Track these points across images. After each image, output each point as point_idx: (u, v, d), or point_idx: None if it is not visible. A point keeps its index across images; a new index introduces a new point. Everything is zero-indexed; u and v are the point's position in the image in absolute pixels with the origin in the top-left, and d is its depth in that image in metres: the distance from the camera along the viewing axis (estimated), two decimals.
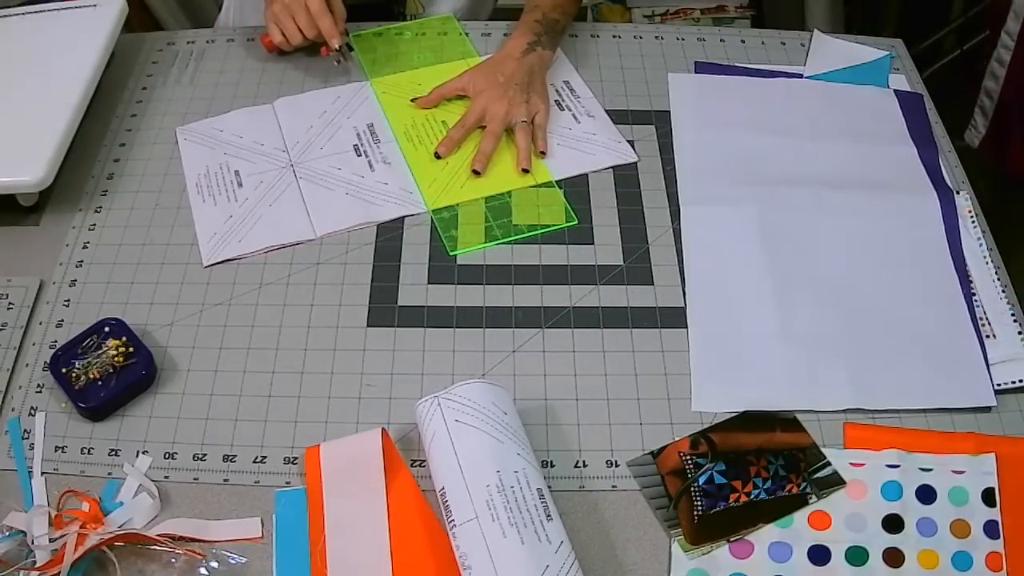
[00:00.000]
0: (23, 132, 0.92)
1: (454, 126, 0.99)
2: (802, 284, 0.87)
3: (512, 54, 1.01)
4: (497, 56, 1.03)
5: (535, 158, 0.97)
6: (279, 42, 1.04)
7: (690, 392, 0.80)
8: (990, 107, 1.29)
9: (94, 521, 0.70)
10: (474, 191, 0.95)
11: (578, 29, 1.14)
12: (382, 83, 1.06)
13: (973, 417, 0.79)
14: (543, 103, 1.00)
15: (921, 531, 0.71)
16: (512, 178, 0.96)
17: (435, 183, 0.95)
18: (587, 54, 1.11)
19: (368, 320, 0.85)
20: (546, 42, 1.03)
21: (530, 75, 1.00)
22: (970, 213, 0.93)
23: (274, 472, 0.75)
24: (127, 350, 0.80)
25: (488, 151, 0.96)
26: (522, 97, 0.98)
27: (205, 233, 0.91)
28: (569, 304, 0.86)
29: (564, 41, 1.10)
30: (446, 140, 0.98)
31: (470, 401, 0.72)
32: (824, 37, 1.13)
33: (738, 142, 1.00)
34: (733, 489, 0.73)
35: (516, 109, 0.98)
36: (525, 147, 0.97)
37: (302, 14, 1.01)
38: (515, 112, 0.97)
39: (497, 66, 1.01)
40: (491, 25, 1.15)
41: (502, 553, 0.64)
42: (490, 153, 0.96)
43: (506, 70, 1.00)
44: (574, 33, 1.13)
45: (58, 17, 1.05)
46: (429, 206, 0.93)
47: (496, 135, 0.97)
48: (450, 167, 0.97)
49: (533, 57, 1.01)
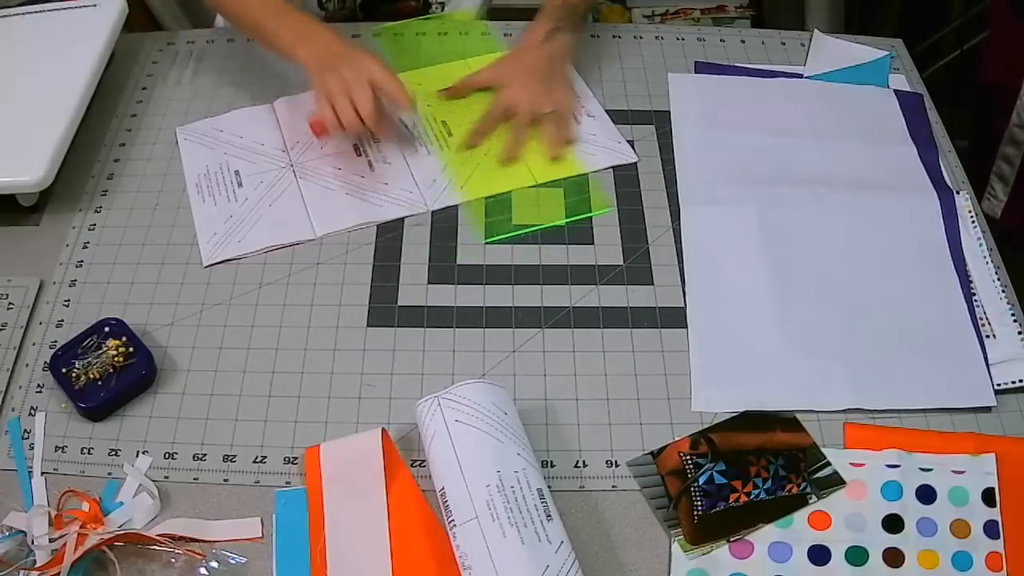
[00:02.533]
0: (23, 132, 0.92)
1: (481, 118, 1.00)
2: (802, 284, 0.87)
3: (533, 43, 1.02)
4: (519, 46, 1.04)
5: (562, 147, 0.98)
6: (331, 124, 0.89)
7: (690, 392, 0.80)
8: (1010, 173, 1.23)
9: (94, 521, 0.70)
10: (503, 182, 0.96)
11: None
12: (407, 78, 1.06)
13: (973, 417, 0.79)
14: (567, 91, 1.01)
15: (921, 531, 0.71)
16: (540, 168, 0.97)
17: (465, 174, 0.96)
18: (587, 54, 1.10)
19: (368, 320, 0.85)
20: (567, 26, 1.03)
21: (552, 63, 1.01)
22: (970, 213, 0.93)
23: (274, 472, 0.75)
24: (127, 350, 0.80)
25: (516, 142, 0.98)
26: (544, 87, 0.99)
27: (205, 233, 0.91)
28: (569, 304, 0.86)
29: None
30: (475, 132, 0.99)
31: (470, 401, 0.72)
32: (824, 37, 1.13)
33: (738, 142, 1.00)
34: (733, 489, 0.73)
35: (540, 100, 0.99)
36: (552, 137, 0.98)
37: (362, 92, 0.87)
38: (540, 103, 0.99)
39: (519, 56, 1.02)
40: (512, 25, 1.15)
41: (502, 553, 0.64)
42: (518, 144, 0.98)
43: (527, 60, 1.01)
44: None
45: (58, 17, 1.05)
46: (461, 197, 0.94)
47: (523, 126, 0.98)
48: (478, 158, 0.98)
49: (554, 44, 1.01)
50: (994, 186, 1.26)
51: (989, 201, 1.26)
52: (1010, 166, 1.23)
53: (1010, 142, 1.22)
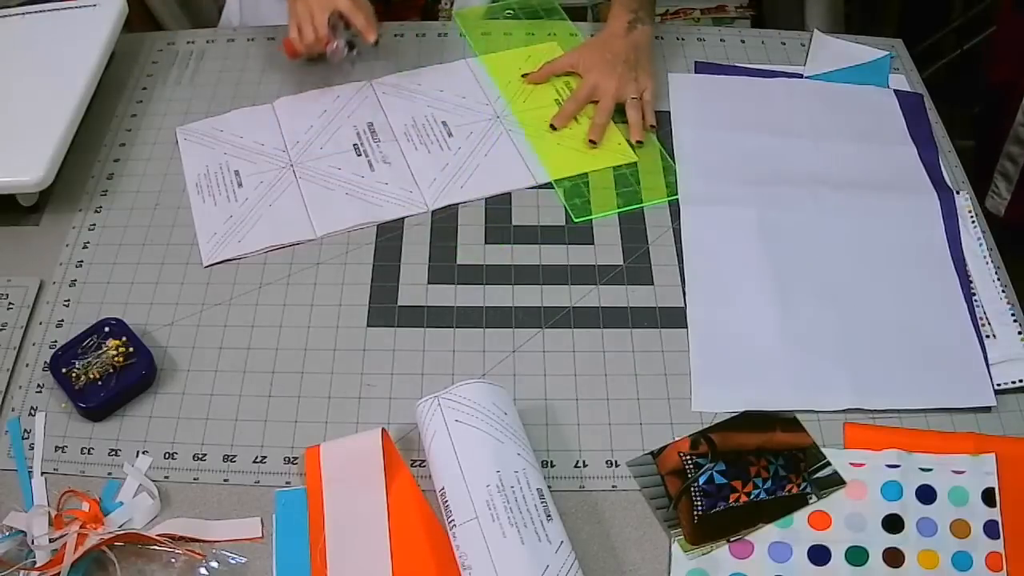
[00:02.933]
0: (23, 132, 0.92)
1: (567, 100, 1.03)
2: (802, 284, 0.87)
3: (617, 33, 1.05)
4: (603, 35, 1.06)
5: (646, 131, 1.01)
6: (293, 38, 1.02)
7: (690, 392, 0.80)
8: (1014, 172, 1.24)
9: (94, 521, 0.70)
10: (589, 162, 0.98)
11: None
12: (491, 60, 1.08)
13: (973, 417, 0.79)
14: (650, 80, 1.03)
15: (921, 531, 0.71)
16: (618, 152, 0.99)
17: (553, 155, 0.98)
18: None
19: (368, 320, 0.85)
20: (644, 17, 1.06)
21: (636, 52, 1.03)
22: (970, 213, 0.93)
23: (274, 472, 0.75)
24: (127, 350, 0.80)
25: (602, 124, 1.00)
26: (631, 75, 1.02)
27: (205, 233, 0.91)
28: (569, 304, 0.86)
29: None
30: (561, 113, 1.01)
31: (470, 401, 0.72)
32: (824, 37, 1.13)
33: (738, 142, 1.00)
34: (733, 489, 0.73)
35: (626, 86, 1.01)
36: (636, 121, 1.00)
37: (320, 16, 1.00)
38: (625, 89, 1.01)
39: (604, 44, 1.04)
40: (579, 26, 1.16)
41: (502, 553, 0.64)
42: (604, 126, 1.00)
43: (613, 48, 1.03)
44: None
45: (58, 17, 1.05)
46: (551, 176, 0.96)
47: (608, 110, 1.01)
48: (565, 139, 1.00)
49: (637, 34, 1.04)
50: (998, 184, 1.26)
51: (993, 199, 1.27)
52: (1014, 164, 1.23)
53: (1015, 140, 1.22)
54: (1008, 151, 1.24)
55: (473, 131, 1.01)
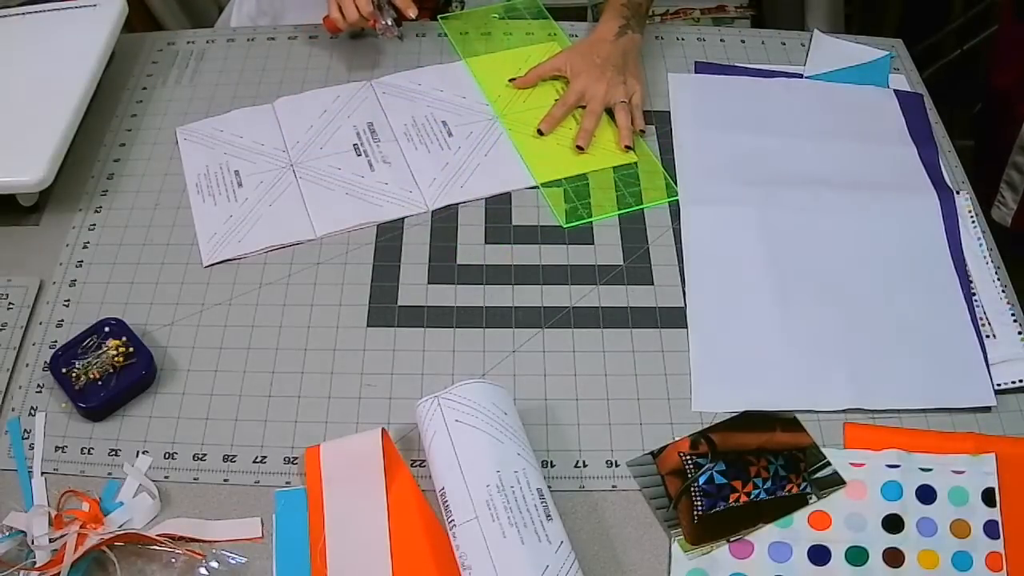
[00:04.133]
0: (23, 132, 0.92)
1: (555, 104, 1.02)
2: (802, 284, 0.87)
3: (606, 37, 1.04)
4: (591, 39, 1.05)
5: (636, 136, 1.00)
6: (335, 18, 1.03)
7: (690, 392, 0.80)
8: (1020, 181, 1.23)
9: (94, 521, 0.70)
10: (578, 167, 0.97)
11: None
12: (476, 63, 1.08)
13: (973, 417, 0.79)
14: (639, 84, 1.02)
15: (921, 531, 0.71)
16: (612, 155, 0.98)
17: (540, 159, 0.98)
18: None
19: (368, 320, 0.85)
20: (635, 25, 1.05)
21: (625, 57, 1.03)
22: (970, 213, 0.93)
23: (274, 472, 0.75)
24: (127, 350, 0.80)
25: (590, 129, 0.99)
26: (619, 78, 1.01)
27: (205, 233, 0.91)
28: (569, 304, 0.86)
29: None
30: (548, 118, 1.01)
31: (470, 401, 0.72)
32: (824, 37, 1.13)
33: (738, 142, 1.00)
34: (733, 489, 0.73)
35: (615, 90, 1.00)
36: (626, 126, 0.99)
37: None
38: (614, 93, 1.00)
39: (593, 48, 1.04)
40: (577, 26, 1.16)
41: (502, 553, 0.64)
42: (592, 131, 0.99)
43: (602, 52, 1.03)
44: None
45: (58, 17, 1.05)
46: (537, 180, 0.95)
47: (597, 114, 1.00)
48: (552, 144, 1.00)
49: (626, 40, 1.04)
50: (1004, 194, 1.25)
51: (999, 209, 1.26)
52: (1020, 174, 1.22)
53: (1020, 150, 1.22)
54: (1014, 160, 1.23)
55: (473, 131, 1.01)
